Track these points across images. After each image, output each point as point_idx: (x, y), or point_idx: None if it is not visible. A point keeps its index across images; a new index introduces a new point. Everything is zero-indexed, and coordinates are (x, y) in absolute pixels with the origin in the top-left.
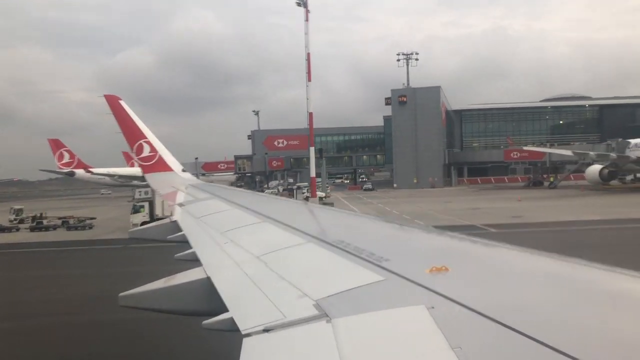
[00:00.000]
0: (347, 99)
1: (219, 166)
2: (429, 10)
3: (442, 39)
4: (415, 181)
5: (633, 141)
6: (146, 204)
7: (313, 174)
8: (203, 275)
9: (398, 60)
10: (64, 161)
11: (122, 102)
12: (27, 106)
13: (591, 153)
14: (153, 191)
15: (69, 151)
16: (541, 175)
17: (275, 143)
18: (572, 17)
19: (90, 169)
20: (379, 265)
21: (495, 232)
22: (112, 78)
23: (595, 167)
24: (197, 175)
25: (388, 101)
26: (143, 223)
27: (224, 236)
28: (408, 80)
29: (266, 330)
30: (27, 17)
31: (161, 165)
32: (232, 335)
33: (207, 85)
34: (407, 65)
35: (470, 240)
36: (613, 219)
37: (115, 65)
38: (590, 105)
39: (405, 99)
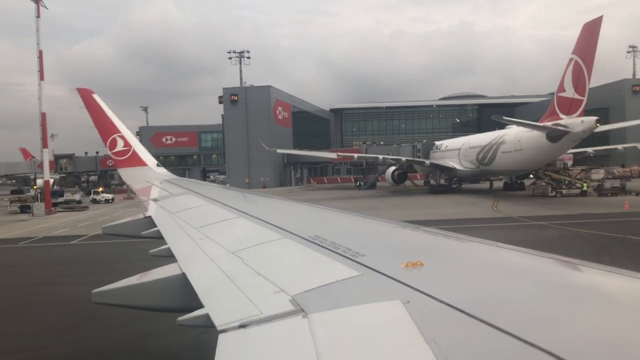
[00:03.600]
0: (317, 92)
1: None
2: (396, 7)
3: (409, 34)
4: (247, 181)
5: (438, 142)
6: None
7: (47, 176)
8: (178, 271)
9: (230, 58)
10: None
11: (95, 96)
12: None
13: (355, 156)
14: None
15: None
16: (364, 175)
17: (163, 140)
18: (535, 15)
19: None
20: (354, 261)
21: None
22: (72, 70)
23: (390, 169)
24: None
25: (221, 99)
26: None
27: (199, 232)
28: (241, 79)
29: (242, 326)
30: None
31: (135, 160)
32: (208, 331)
33: (170, 77)
34: (240, 63)
35: (444, 235)
36: None
37: (75, 57)
38: (471, 105)
39: (236, 98)
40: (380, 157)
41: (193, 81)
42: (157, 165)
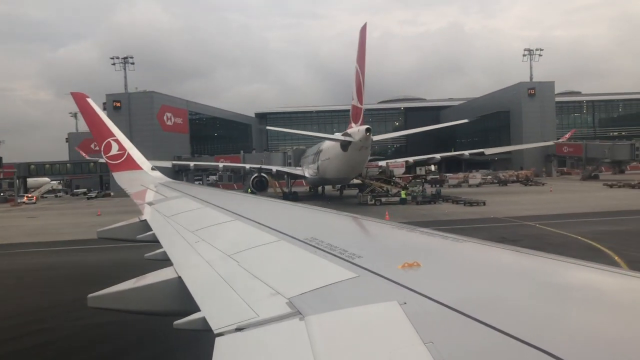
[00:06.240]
0: (307, 93)
1: None
2: (384, 9)
3: (398, 36)
4: None
5: (309, 149)
6: None
7: None
8: (174, 275)
9: (113, 64)
10: None
11: (90, 100)
12: None
13: (192, 164)
14: None
15: None
16: (242, 182)
17: (92, 146)
18: (523, 16)
19: None
20: (351, 262)
21: None
22: (58, 74)
23: (251, 178)
24: None
25: (105, 106)
26: None
27: (195, 235)
28: (125, 85)
29: (239, 329)
30: None
31: (130, 164)
32: (205, 334)
33: (158, 80)
34: (125, 70)
35: (441, 236)
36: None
37: (61, 61)
38: (401, 109)
39: (119, 105)
40: (221, 165)
41: (183, 84)
42: (152, 168)
